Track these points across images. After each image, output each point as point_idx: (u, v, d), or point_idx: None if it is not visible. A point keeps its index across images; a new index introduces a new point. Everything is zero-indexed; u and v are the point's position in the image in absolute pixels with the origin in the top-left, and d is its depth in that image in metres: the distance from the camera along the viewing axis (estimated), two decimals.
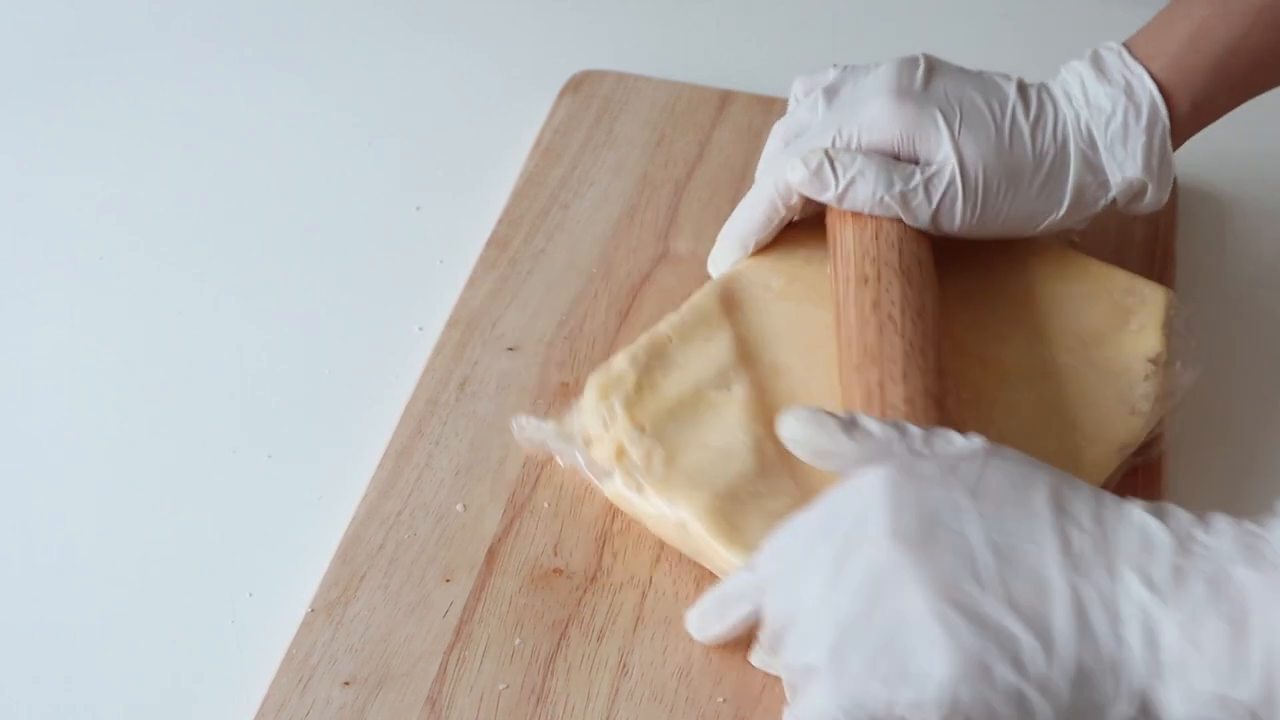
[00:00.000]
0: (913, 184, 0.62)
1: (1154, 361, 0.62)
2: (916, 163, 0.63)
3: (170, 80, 0.87)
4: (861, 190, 0.63)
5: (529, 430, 0.62)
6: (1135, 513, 0.46)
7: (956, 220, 0.63)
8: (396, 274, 0.74)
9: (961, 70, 0.65)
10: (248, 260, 0.75)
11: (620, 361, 0.62)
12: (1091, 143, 0.64)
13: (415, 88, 0.87)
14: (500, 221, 0.75)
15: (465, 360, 0.68)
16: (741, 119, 0.80)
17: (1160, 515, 0.46)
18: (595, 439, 0.60)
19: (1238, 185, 0.80)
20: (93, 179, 0.80)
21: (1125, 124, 0.63)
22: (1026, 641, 0.44)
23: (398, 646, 0.56)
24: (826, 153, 0.63)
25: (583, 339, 0.69)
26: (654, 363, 0.62)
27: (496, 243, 0.73)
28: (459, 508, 0.61)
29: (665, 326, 0.63)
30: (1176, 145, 0.65)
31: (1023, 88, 0.65)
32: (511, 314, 0.70)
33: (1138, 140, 0.63)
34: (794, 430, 0.51)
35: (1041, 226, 0.65)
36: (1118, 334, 0.63)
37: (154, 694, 0.57)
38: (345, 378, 0.69)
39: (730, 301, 0.65)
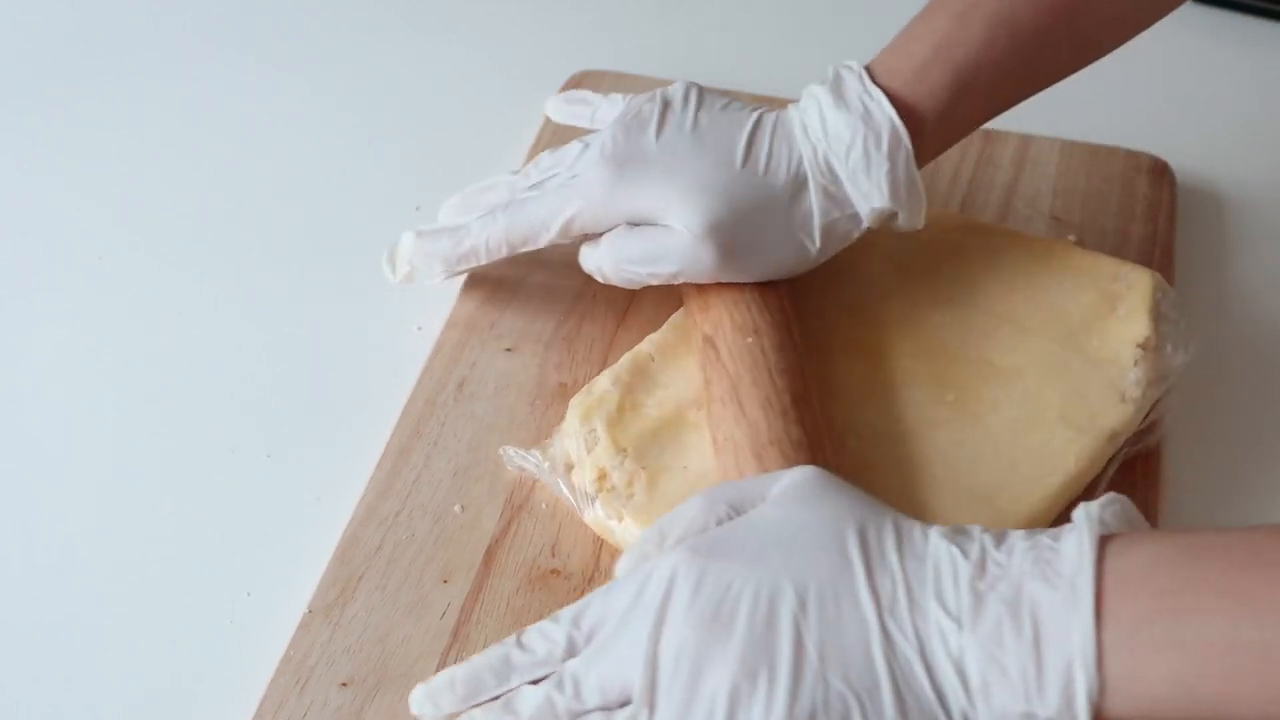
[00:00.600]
0: (643, 254, 0.62)
1: (1143, 346, 0.62)
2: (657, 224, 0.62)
3: (170, 80, 0.87)
4: (609, 268, 0.63)
5: (517, 460, 0.62)
6: (936, 541, 0.46)
7: (705, 274, 0.62)
8: None
9: (704, 108, 0.63)
10: (248, 260, 0.75)
11: (603, 382, 0.62)
12: (833, 176, 0.61)
13: (415, 88, 0.87)
14: None
15: (464, 361, 0.68)
16: None
17: (960, 539, 0.46)
18: (577, 463, 0.61)
19: (1238, 185, 0.79)
20: (93, 179, 0.80)
21: (866, 153, 0.60)
22: (852, 703, 0.44)
23: (396, 647, 0.56)
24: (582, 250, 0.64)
25: (581, 340, 0.69)
26: (636, 382, 0.62)
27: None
28: (457, 508, 0.61)
29: (647, 345, 0.64)
30: (925, 162, 0.63)
31: (760, 123, 0.62)
32: (510, 315, 0.70)
33: (880, 169, 0.61)
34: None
35: (801, 266, 0.63)
36: (1105, 321, 0.63)
37: (153, 694, 0.57)
38: (345, 378, 0.69)
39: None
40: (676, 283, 0.64)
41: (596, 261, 0.64)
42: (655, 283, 0.64)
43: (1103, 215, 0.75)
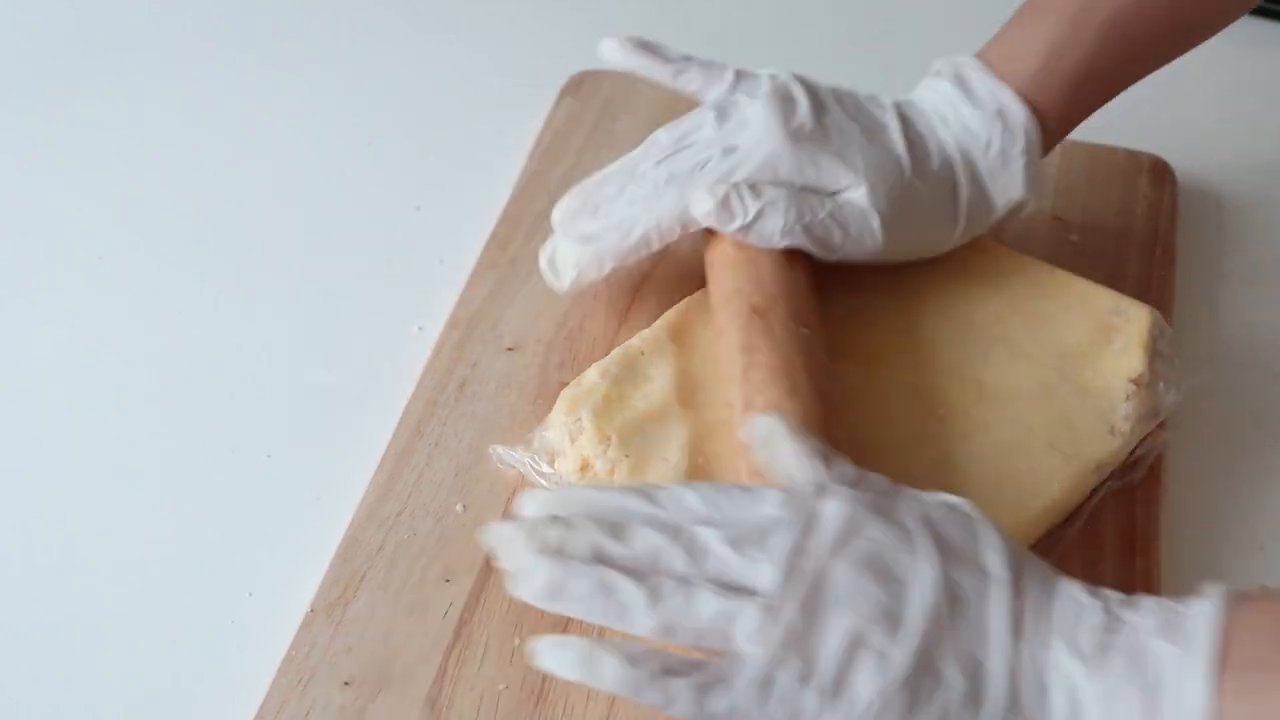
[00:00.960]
0: (822, 215, 0.62)
1: (1136, 382, 0.62)
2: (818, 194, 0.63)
3: (170, 80, 0.87)
4: (771, 223, 0.62)
5: (506, 459, 0.62)
6: (1072, 588, 0.48)
7: (865, 249, 0.63)
8: (396, 274, 0.74)
9: (837, 94, 0.65)
10: (248, 260, 0.75)
11: (592, 374, 0.62)
12: (973, 169, 0.64)
13: (415, 88, 0.87)
14: (500, 221, 0.75)
15: (465, 360, 0.68)
16: None
17: (1091, 590, 0.48)
18: (560, 453, 0.61)
19: (1238, 185, 0.80)
20: (93, 179, 0.80)
21: (1004, 150, 0.64)
22: (958, 688, 0.45)
23: (397, 647, 0.56)
24: (735, 186, 0.62)
25: (582, 339, 0.69)
26: (625, 375, 0.62)
27: (496, 243, 0.73)
28: (459, 508, 0.61)
29: (638, 340, 0.64)
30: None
31: (903, 115, 0.65)
32: (511, 314, 0.70)
33: (1017, 164, 0.64)
34: (765, 432, 0.51)
35: (936, 250, 0.66)
36: (1100, 353, 0.63)
37: (154, 694, 0.57)
38: (345, 378, 0.69)
39: (702, 319, 0.65)
40: (826, 256, 0.63)
41: (764, 203, 0.62)
42: (817, 252, 0.63)
43: (1103, 215, 0.75)
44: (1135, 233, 0.74)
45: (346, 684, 0.55)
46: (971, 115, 0.64)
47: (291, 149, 0.82)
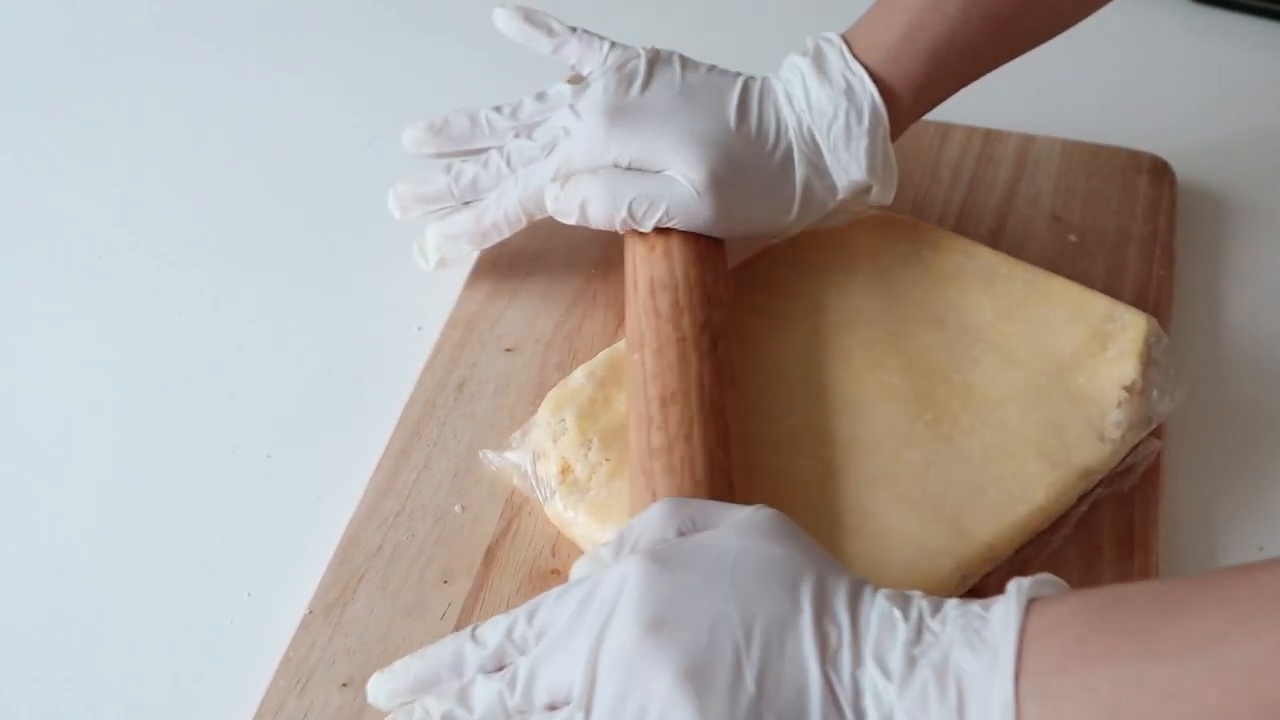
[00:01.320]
0: (638, 195, 0.63)
1: (1128, 389, 0.62)
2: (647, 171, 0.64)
3: (170, 80, 0.87)
4: (596, 210, 0.64)
5: (496, 462, 0.62)
6: (881, 603, 0.47)
7: (697, 223, 0.63)
8: (396, 274, 0.74)
9: (689, 69, 0.65)
10: (247, 260, 0.75)
11: (578, 376, 0.62)
12: (815, 146, 0.64)
13: (415, 88, 0.87)
14: None
15: (464, 361, 0.68)
16: None
17: (903, 604, 0.47)
18: (543, 455, 0.61)
19: (1238, 185, 0.79)
20: (93, 179, 0.80)
21: (847, 127, 0.63)
22: None
23: (396, 648, 0.56)
24: (560, 182, 0.64)
25: (581, 340, 0.69)
26: (610, 377, 0.62)
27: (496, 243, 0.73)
28: (457, 509, 0.61)
29: (625, 343, 0.64)
30: (896, 135, 0.66)
31: (747, 88, 0.65)
32: (510, 315, 0.70)
33: (860, 143, 0.63)
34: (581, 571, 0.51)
35: (776, 229, 0.66)
36: (1094, 360, 0.63)
37: (153, 694, 0.57)
38: (344, 378, 0.69)
39: None
40: (659, 226, 0.64)
41: (581, 199, 0.64)
42: (642, 227, 0.64)
43: (1103, 215, 0.75)
44: (1135, 233, 0.74)
45: (345, 685, 0.55)
46: (820, 92, 0.64)
47: (291, 149, 0.82)
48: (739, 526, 0.49)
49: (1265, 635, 0.40)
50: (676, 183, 0.63)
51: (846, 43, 0.65)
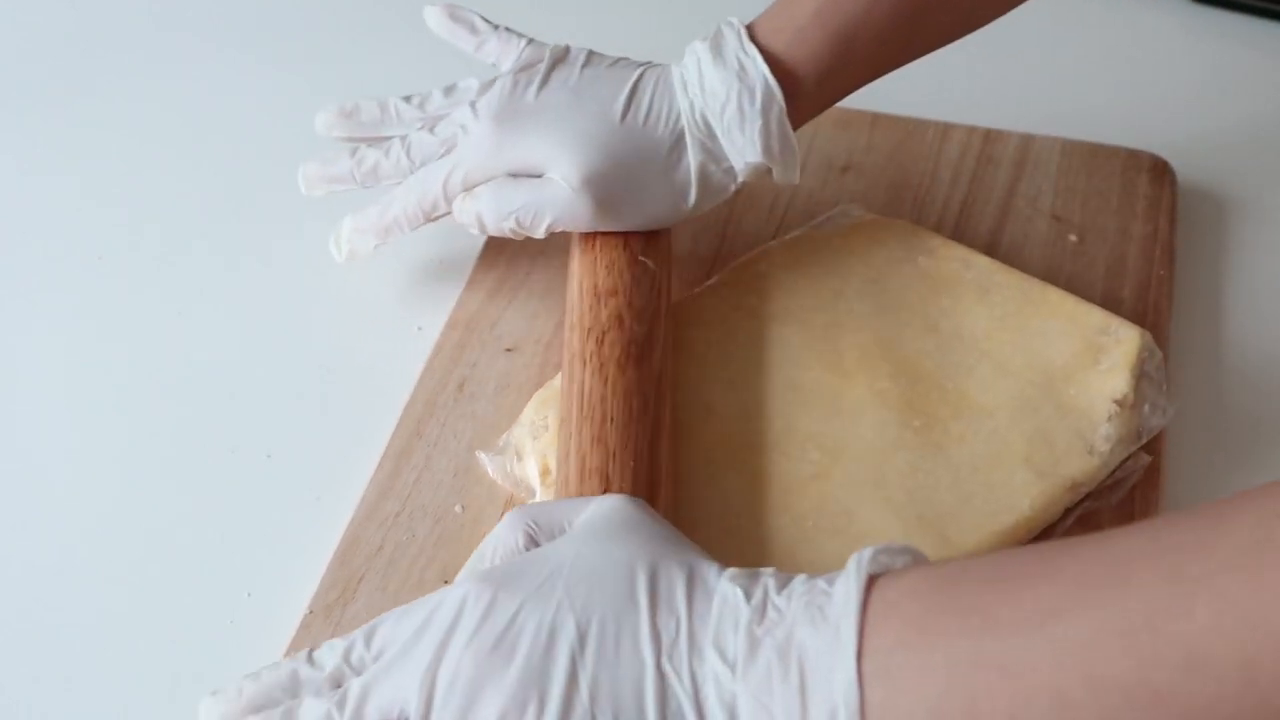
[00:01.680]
0: (522, 203, 0.64)
1: (1119, 403, 0.61)
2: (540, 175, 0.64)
3: (170, 80, 0.87)
4: (488, 221, 0.65)
5: (488, 464, 0.63)
6: (724, 586, 0.46)
7: (583, 224, 0.64)
8: (396, 274, 0.74)
9: (590, 65, 0.66)
10: (248, 260, 0.75)
11: (561, 377, 0.62)
12: (709, 131, 0.64)
13: (415, 88, 0.86)
14: None
15: (464, 361, 0.68)
16: None
17: (747, 583, 0.46)
18: (524, 454, 0.61)
19: (1238, 185, 0.79)
20: (93, 179, 0.80)
21: (740, 109, 0.63)
22: None
23: None
24: (459, 197, 0.65)
25: None
26: None
27: (495, 243, 0.73)
28: (458, 509, 0.61)
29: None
30: (803, 121, 0.65)
31: (642, 78, 0.65)
32: (510, 315, 0.70)
33: (754, 125, 0.63)
34: None
35: (677, 216, 0.66)
36: (1086, 372, 0.62)
37: (153, 694, 0.57)
38: (345, 378, 0.69)
39: (692, 320, 0.65)
40: (540, 235, 0.65)
41: (475, 212, 0.65)
42: (535, 235, 0.65)
43: (1103, 214, 0.75)
44: (1135, 232, 0.74)
45: None
46: (714, 75, 0.63)
47: (291, 149, 0.81)
48: (583, 527, 0.49)
49: (1096, 611, 0.40)
50: (557, 186, 0.63)
51: (749, 27, 0.65)
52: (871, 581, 0.44)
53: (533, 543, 0.50)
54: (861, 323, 0.65)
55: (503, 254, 0.73)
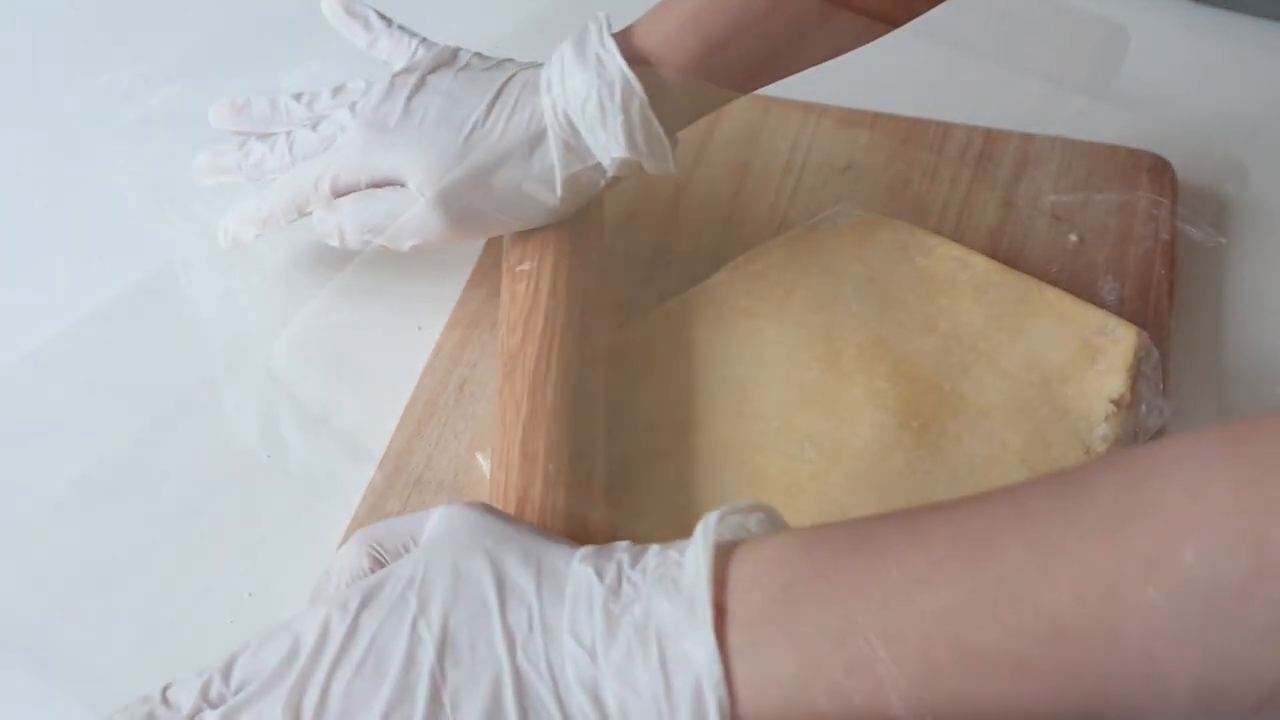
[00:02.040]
0: (385, 216, 0.64)
1: (1116, 403, 0.61)
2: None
3: (171, 80, 0.86)
4: (351, 238, 0.65)
5: (484, 465, 0.63)
6: (576, 568, 0.45)
7: (437, 238, 0.64)
8: (396, 274, 0.74)
9: (467, 69, 0.65)
10: (247, 259, 0.75)
11: None
12: (572, 129, 0.63)
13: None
14: None
15: (464, 361, 0.68)
16: (741, 118, 0.80)
17: (600, 561, 0.45)
18: None
19: (1238, 185, 0.79)
20: (93, 179, 0.80)
21: (601, 105, 0.62)
22: None
23: None
24: (323, 207, 0.66)
25: None
26: None
27: (496, 243, 0.73)
28: None
29: None
30: (684, 119, 0.65)
31: (511, 81, 0.64)
32: None
33: (615, 120, 0.62)
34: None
35: (545, 216, 0.65)
36: (1083, 372, 0.63)
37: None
38: (345, 378, 0.69)
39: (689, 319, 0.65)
40: (403, 247, 0.65)
41: (336, 224, 0.65)
42: (399, 247, 0.65)
43: (1103, 214, 0.75)
44: (1135, 232, 0.74)
45: None
46: (576, 74, 0.62)
47: None
48: (427, 541, 0.49)
49: (963, 580, 0.39)
50: (412, 197, 0.63)
51: (631, 30, 0.64)
52: (732, 548, 0.43)
53: (378, 564, 0.49)
54: (859, 322, 0.65)
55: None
